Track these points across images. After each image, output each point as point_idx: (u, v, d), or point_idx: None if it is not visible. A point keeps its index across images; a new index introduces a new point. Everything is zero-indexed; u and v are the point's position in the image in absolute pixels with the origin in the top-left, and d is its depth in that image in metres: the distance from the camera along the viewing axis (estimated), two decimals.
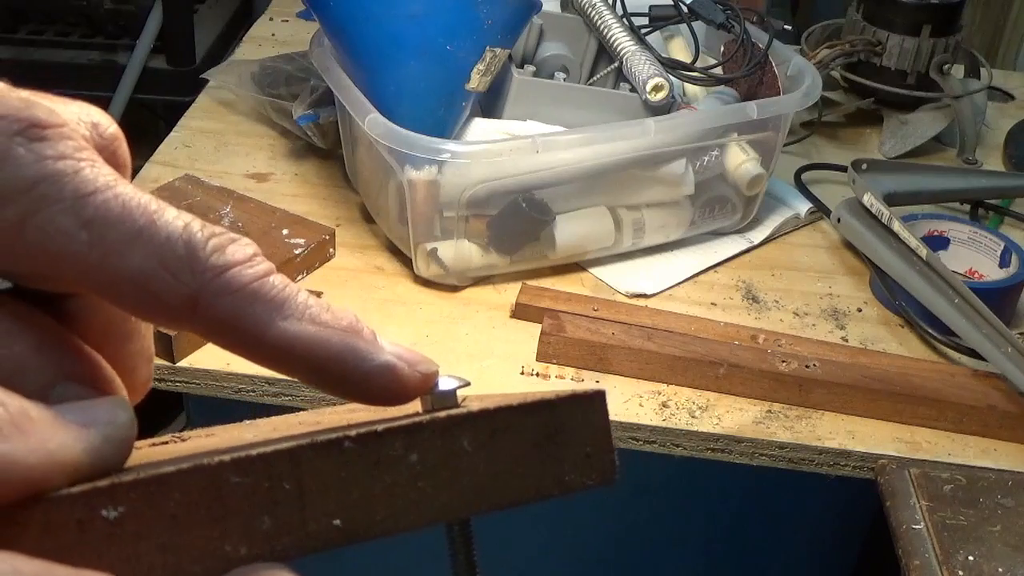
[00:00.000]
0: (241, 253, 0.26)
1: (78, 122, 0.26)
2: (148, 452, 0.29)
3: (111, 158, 0.27)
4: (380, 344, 0.28)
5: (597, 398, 0.29)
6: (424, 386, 0.29)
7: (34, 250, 0.25)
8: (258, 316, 0.26)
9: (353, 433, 0.26)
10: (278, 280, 0.27)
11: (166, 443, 0.31)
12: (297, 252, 0.92)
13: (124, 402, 0.26)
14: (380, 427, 0.26)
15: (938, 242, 1.01)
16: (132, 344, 0.29)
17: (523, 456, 0.28)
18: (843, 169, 1.07)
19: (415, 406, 0.29)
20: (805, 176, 1.14)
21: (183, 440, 0.32)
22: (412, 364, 0.29)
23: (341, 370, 0.28)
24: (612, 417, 0.31)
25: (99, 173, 0.25)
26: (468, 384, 0.30)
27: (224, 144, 1.14)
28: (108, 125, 0.27)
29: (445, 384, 0.29)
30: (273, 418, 0.37)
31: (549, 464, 0.28)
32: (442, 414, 0.27)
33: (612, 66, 1.02)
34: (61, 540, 0.23)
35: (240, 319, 0.26)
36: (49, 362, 0.26)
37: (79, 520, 0.23)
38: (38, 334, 0.26)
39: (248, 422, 0.37)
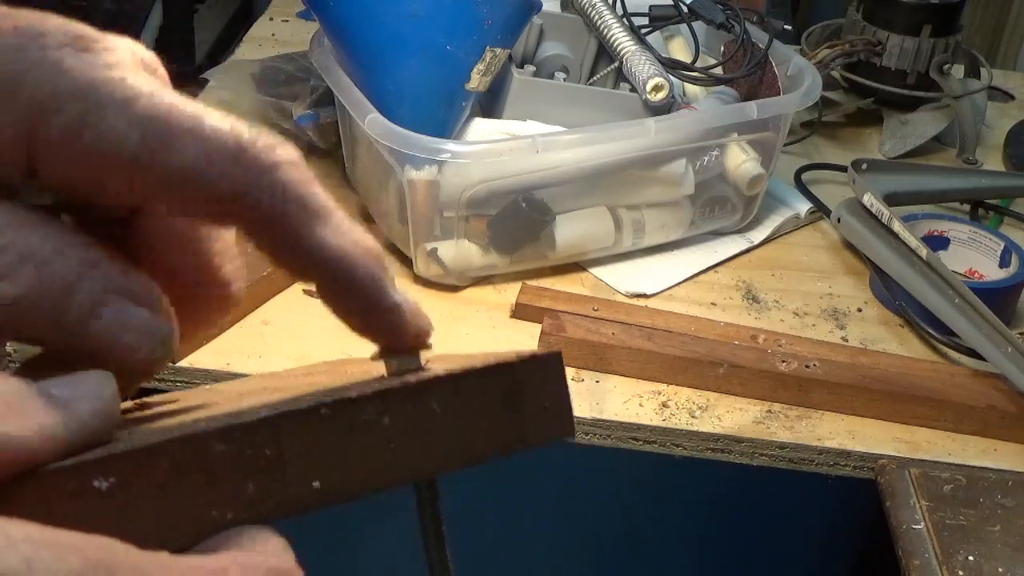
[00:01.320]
0: (289, 155, 0.27)
1: (120, 41, 0.27)
2: (127, 420, 0.30)
3: (152, 75, 0.28)
4: (395, 286, 0.30)
5: (554, 359, 0.31)
6: (416, 341, 0.31)
7: (88, 155, 0.26)
8: (300, 219, 0.27)
9: (329, 400, 0.27)
10: (320, 189, 0.28)
11: (131, 410, 0.32)
12: None
13: (109, 376, 0.27)
14: (354, 393, 0.27)
15: (938, 242, 1.01)
16: (202, 250, 0.30)
17: (488, 415, 0.30)
18: (843, 169, 1.07)
19: (379, 369, 0.31)
20: (805, 176, 1.14)
21: (148, 407, 0.33)
22: (414, 316, 0.30)
23: (359, 293, 0.29)
24: (612, 417, 0.33)
25: (145, 80, 0.26)
26: (430, 347, 0.31)
27: None
28: (146, 51, 0.29)
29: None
30: (233, 382, 0.38)
31: (512, 421, 0.30)
32: (412, 378, 0.29)
33: (612, 66, 1.02)
34: (54, 512, 0.24)
35: (284, 219, 0.27)
36: (99, 278, 0.27)
37: (71, 491, 0.24)
38: (88, 250, 0.27)
39: (209, 387, 0.38)
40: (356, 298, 0.29)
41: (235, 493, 0.26)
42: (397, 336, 0.30)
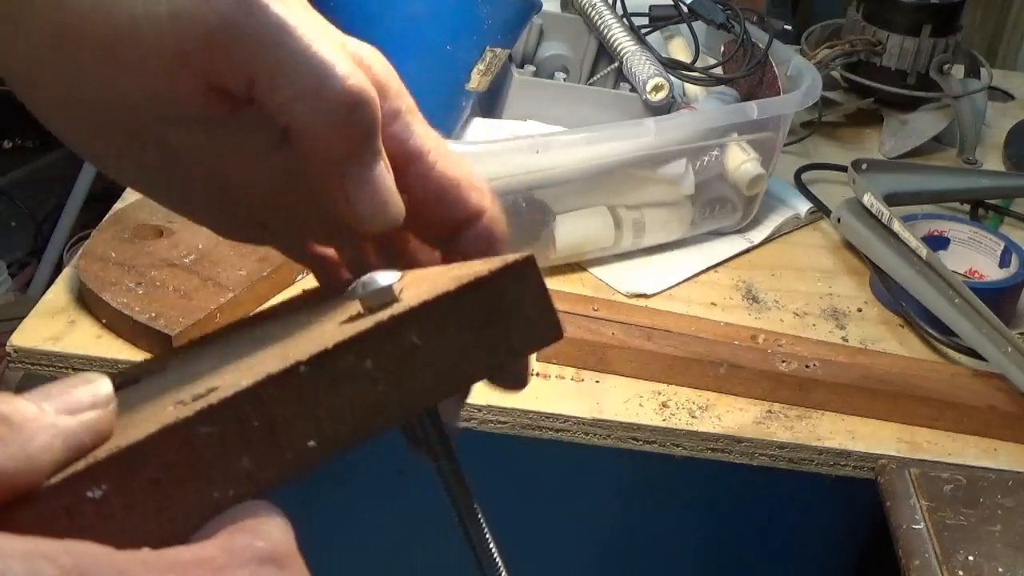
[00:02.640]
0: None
1: None
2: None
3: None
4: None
5: (528, 263, 0.30)
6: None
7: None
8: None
9: (305, 356, 0.26)
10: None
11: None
12: None
13: (104, 379, 0.27)
14: (329, 344, 0.26)
15: (938, 242, 1.01)
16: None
17: (470, 334, 0.29)
18: (843, 169, 1.07)
19: (355, 307, 0.30)
20: (805, 176, 1.14)
21: (137, 381, 0.33)
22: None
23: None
24: (612, 417, 0.32)
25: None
26: (404, 275, 0.30)
27: None
28: None
29: (382, 279, 0.29)
30: (207, 335, 0.38)
31: (498, 336, 0.29)
32: (385, 316, 0.28)
33: (612, 66, 1.02)
34: (53, 531, 0.23)
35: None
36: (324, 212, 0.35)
37: (66, 507, 0.24)
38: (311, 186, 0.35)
39: (186, 346, 0.37)
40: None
41: (231, 470, 0.25)
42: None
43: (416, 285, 0.30)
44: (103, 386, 0.27)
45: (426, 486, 0.32)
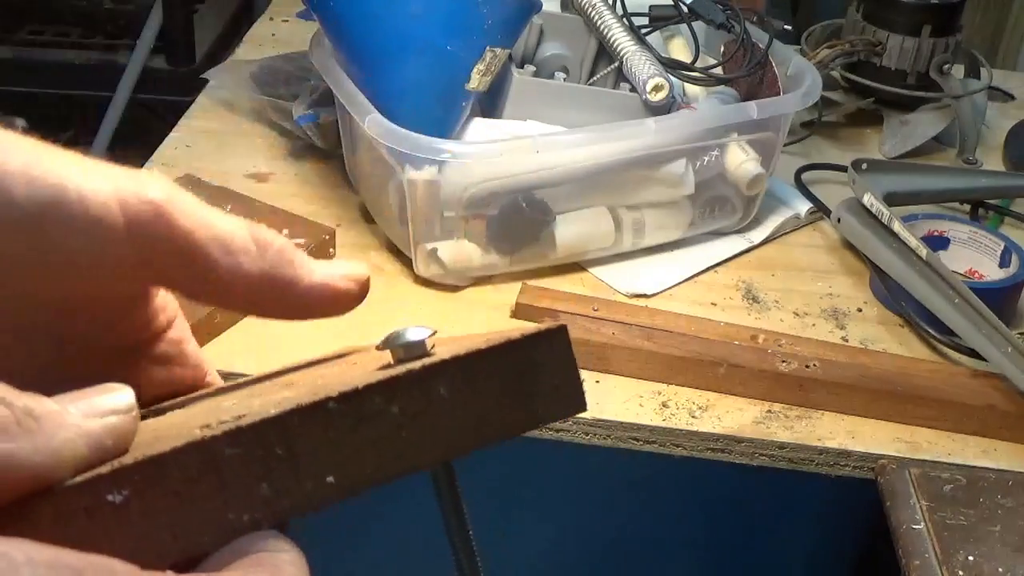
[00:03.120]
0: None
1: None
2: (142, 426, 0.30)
3: None
4: (309, 268, 0.33)
5: (559, 332, 0.31)
6: (359, 291, 0.33)
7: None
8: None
9: (335, 393, 0.27)
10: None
11: (147, 415, 0.32)
12: None
13: (127, 389, 0.27)
14: (360, 385, 0.27)
15: (938, 242, 1.01)
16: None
17: (497, 395, 0.29)
18: (843, 169, 1.07)
19: (385, 358, 0.30)
20: (805, 176, 1.14)
21: (162, 412, 0.33)
22: (345, 276, 0.33)
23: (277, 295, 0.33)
24: (612, 417, 0.33)
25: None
26: (435, 332, 0.31)
27: (224, 144, 1.14)
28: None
29: (414, 335, 0.30)
30: (241, 381, 0.38)
31: (522, 400, 0.30)
32: (416, 365, 0.28)
33: (612, 66, 1.02)
34: (71, 529, 0.24)
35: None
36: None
37: (86, 508, 0.24)
38: None
39: (218, 386, 0.37)
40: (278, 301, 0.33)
41: (249, 494, 0.26)
42: (337, 304, 0.33)
43: (448, 345, 0.31)
44: (125, 394, 0.27)
45: (424, 495, 0.32)
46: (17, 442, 0.23)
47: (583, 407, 0.31)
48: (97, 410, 0.26)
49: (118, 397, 0.27)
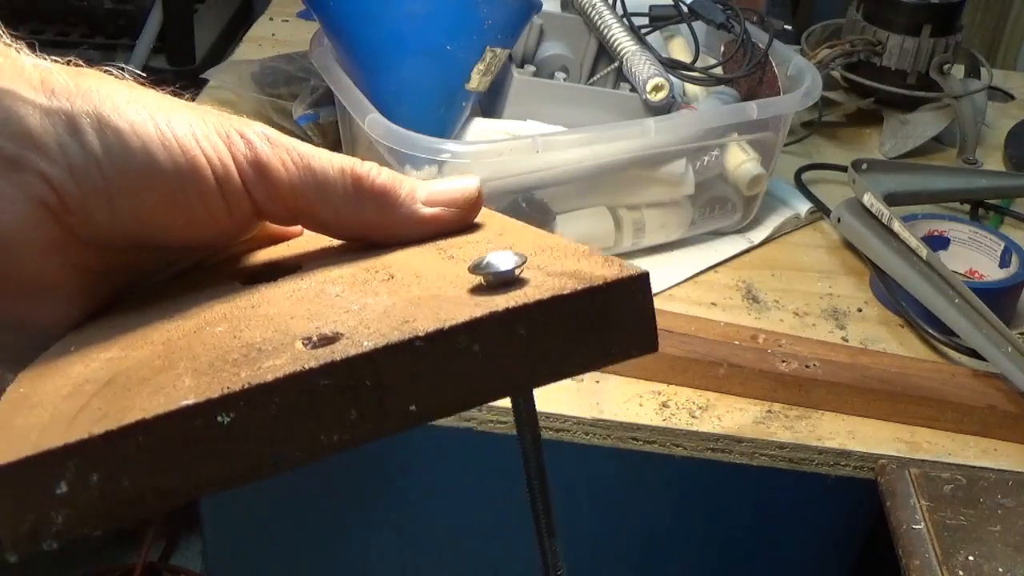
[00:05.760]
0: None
1: None
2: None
3: None
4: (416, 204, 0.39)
5: (640, 279, 0.33)
6: (474, 208, 0.41)
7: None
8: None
9: (422, 332, 0.29)
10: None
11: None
12: None
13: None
14: (446, 325, 0.30)
15: (938, 242, 1.01)
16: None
17: (573, 335, 0.32)
18: (843, 169, 1.07)
19: (473, 279, 0.33)
20: (805, 176, 1.14)
21: (274, 279, 0.38)
22: (453, 200, 0.40)
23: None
24: (612, 417, 0.34)
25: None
26: (526, 260, 0.33)
27: None
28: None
29: (504, 263, 0.32)
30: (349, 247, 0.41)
31: (597, 340, 0.32)
32: (500, 307, 0.30)
33: (612, 66, 1.02)
34: (188, 441, 0.27)
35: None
36: None
37: (201, 426, 0.28)
38: None
39: (328, 247, 0.41)
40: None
41: (339, 419, 0.29)
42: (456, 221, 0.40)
43: (541, 254, 0.34)
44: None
45: (426, 489, 0.33)
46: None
47: (655, 347, 0.33)
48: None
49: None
